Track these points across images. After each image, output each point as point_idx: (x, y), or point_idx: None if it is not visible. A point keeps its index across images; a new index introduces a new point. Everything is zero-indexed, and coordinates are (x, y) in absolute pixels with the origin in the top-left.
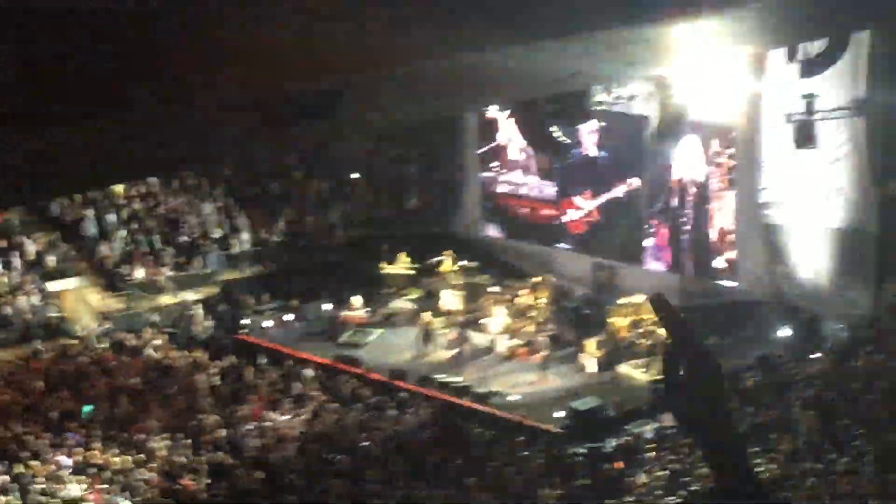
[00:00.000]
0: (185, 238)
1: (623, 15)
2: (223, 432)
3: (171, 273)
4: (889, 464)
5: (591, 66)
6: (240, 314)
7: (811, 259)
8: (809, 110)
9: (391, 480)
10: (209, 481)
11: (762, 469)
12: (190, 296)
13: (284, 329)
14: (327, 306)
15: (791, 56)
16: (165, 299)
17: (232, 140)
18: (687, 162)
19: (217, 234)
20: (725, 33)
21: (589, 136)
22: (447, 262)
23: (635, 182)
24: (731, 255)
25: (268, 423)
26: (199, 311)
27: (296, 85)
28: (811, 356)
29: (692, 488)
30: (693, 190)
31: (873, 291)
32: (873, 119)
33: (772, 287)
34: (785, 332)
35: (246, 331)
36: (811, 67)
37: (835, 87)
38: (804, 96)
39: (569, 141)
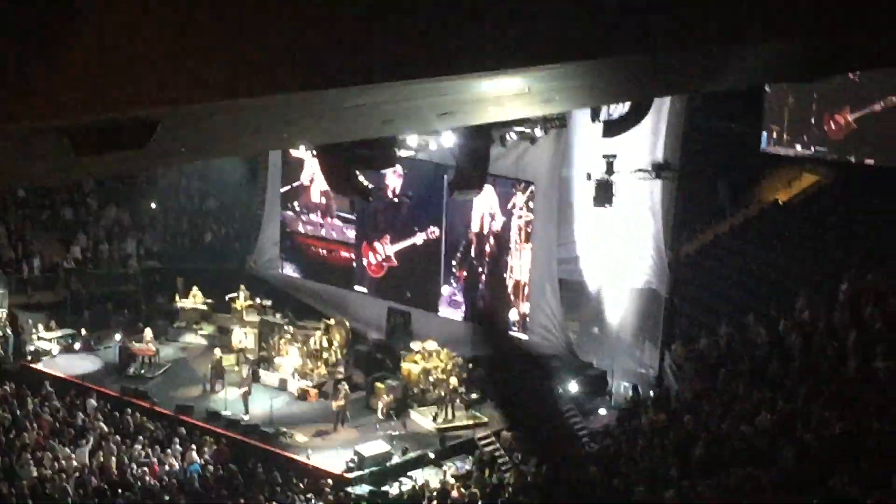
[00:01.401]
0: None
1: (437, 66)
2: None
3: None
4: None
5: (403, 115)
6: (25, 340)
7: (604, 316)
8: (609, 170)
9: None
10: None
11: None
12: None
13: (71, 358)
14: (117, 337)
15: (594, 116)
16: None
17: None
18: (485, 214)
19: (6, 257)
20: (532, 92)
21: (392, 183)
22: (241, 299)
23: (435, 231)
24: (526, 308)
25: (47, 454)
26: None
27: (110, 113)
28: (597, 412)
29: None
30: (491, 241)
31: (660, 351)
32: (671, 182)
33: (563, 342)
34: (573, 386)
35: (30, 358)
36: (613, 128)
37: (636, 149)
38: (604, 156)
39: (371, 186)
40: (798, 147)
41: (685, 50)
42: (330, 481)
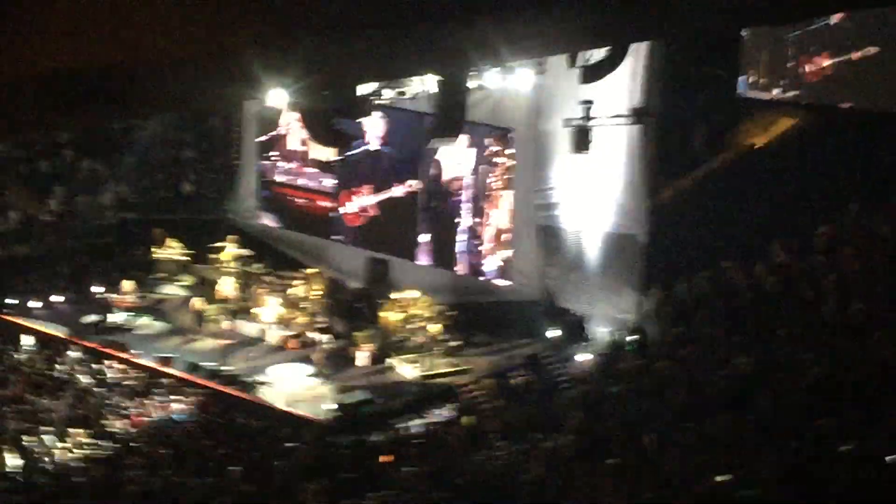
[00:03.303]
0: None
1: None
2: None
3: None
4: (648, 462)
5: (379, 64)
6: (4, 294)
7: (583, 262)
8: (587, 116)
9: (152, 467)
10: None
11: (527, 469)
12: None
13: (50, 310)
14: (96, 289)
15: (572, 62)
16: None
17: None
18: (463, 161)
19: None
20: (506, 39)
21: (371, 131)
22: (229, 249)
23: (414, 181)
24: (505, 254)
25: (27, 406)
26: None
27: (86, 63)
28: (577, 357)
29: (456, 482)
30: (469, 189)
31: (638, 297)
32: (649, 128)
33: (543, 288)
34: (553, 332)
35: (10, 311)
36: (590, 74)
37: (613, 95)
38: (582, 102)
39: (350, 134)
40: (775, 91)
41: None
42: (311, 430)
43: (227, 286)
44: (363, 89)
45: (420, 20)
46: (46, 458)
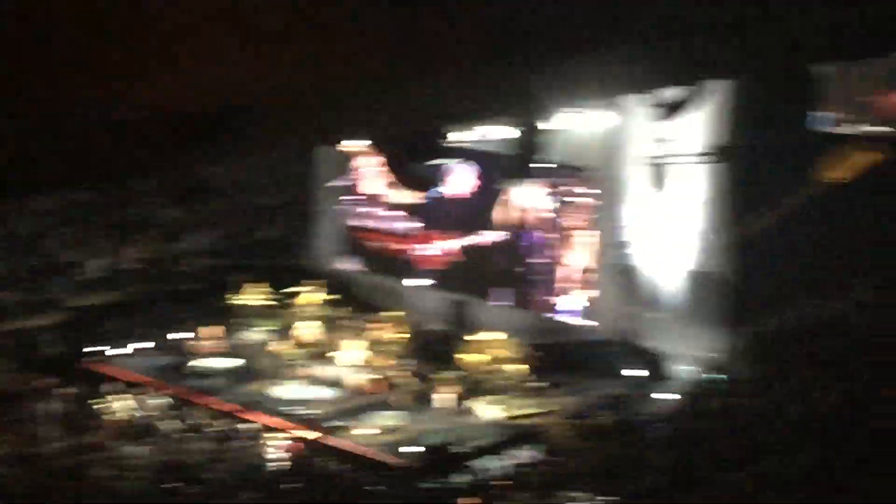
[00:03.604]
0: (34, 260)
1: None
2: (67, 460)
3: (17, 296)
4: (742, 502)
5: (461, 106)
6: (87, 341)
7: (664, 301)
8: (665, 154)
9: None
10: None
11: None
12: (36, 320)
13: (133, 357)
14: (179, 335)
15: (650, 100)
16: (10, 323)
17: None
18: (541, 202)
19: (69, 257)
20: (590, 79)
21: (450, 173)
22: (310, 293)
23: (494, 219)
24: (586, 294)
25: (114, 453)
26: (45, 336)
27: (194, 104)
28: (660, 397)
29: None
30: (547, 229)
31: (726, 335)
32: (729, 165)
33: (623, 328)
34: (635, 372)
35: (93, 358)
36: (670, 111)
37: (692, 132)
38: (660, 139)
39: (430, 177)
40: (858, 126)
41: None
42: (394, 473)
43: (308, 330)
44: (443, 133)
45: (499, 63)
46: None
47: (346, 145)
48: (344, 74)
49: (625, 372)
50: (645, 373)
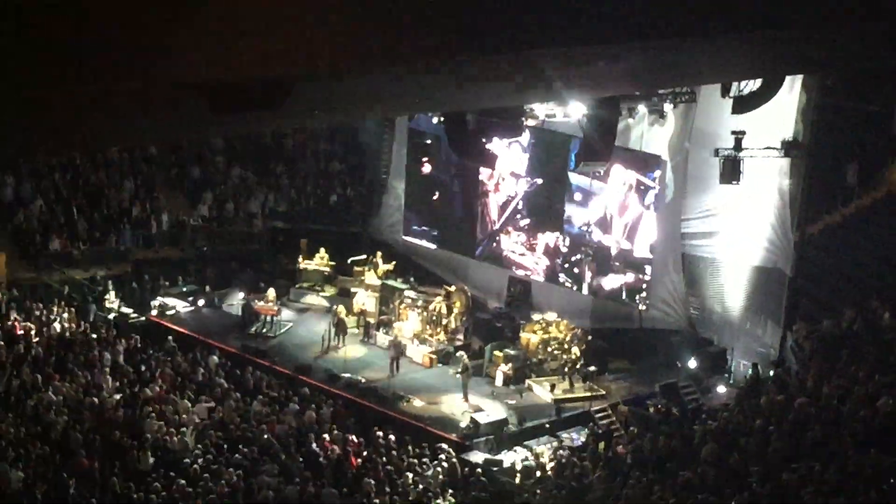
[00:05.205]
0: (103, 213)
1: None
2: (122, 412)
3: (85, 247)
4: (786, 500)
5: (538, 85)
6: (151, 295)
7: (727, 293)
8: (737, 147)
9: (288, 476)
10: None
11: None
12: (102, 272)
13: (195, 314)
14: (240, 295)
15: (724, 92)
16: (77, 273)
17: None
18: (611, 187)
19: (135, 212)
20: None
21: (517, 151)
22: (373, 262)
23: (558, 203)
24: (650, 282)
25: (169, 407)
26: (109, 288)
27: (248, 73)
28: (716, 389)
29: None
30: (615, 215)
31: (782, 331)
32: (800, 161)
33: (685, 318)
34: (693, 362)
35: (155, 312)
36: (743, 105)
37: (765, 127)
38: (733, 132)
39: (498, 154)
40: None
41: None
42: (445, 446)
43: (368, 299)
44: (514, 109)
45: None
46: (184, 459)
47: (419, 118)
48: (411, 48)
49: (682, 362)
50: (702, 364)
